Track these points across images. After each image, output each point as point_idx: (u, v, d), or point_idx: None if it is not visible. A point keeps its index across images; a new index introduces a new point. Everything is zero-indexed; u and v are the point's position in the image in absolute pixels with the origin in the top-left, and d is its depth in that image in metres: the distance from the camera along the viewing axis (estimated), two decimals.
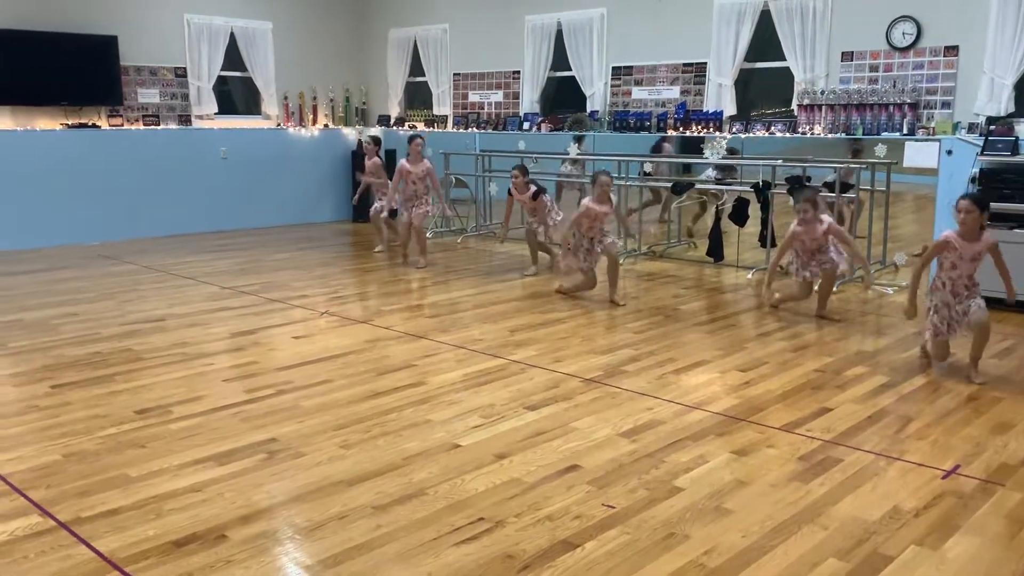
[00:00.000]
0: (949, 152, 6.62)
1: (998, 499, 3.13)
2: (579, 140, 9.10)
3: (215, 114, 10.46)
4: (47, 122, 9.11)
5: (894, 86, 7.28)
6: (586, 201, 6.36)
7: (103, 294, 6.70)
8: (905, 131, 7.15)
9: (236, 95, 11.14)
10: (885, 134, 7.25)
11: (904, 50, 7.26)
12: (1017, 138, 6.26)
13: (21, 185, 8.81)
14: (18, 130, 8.87)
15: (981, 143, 6.37)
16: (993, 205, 6.13)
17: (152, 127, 9.88)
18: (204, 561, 2.64)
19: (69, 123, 9.22)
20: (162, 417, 3.95)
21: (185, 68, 10.14)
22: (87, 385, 4.43)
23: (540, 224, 7.66)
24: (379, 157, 8.96)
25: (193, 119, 10.28)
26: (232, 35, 10.43)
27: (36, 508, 3.01)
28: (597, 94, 9.42)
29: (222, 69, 10.45)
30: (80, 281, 7.23)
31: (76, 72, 9.20)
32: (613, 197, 6.50)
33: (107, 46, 9.34)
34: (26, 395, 4.28)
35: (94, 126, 9.38)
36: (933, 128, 7.00)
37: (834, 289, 6.12)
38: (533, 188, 7.54)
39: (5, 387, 4.43)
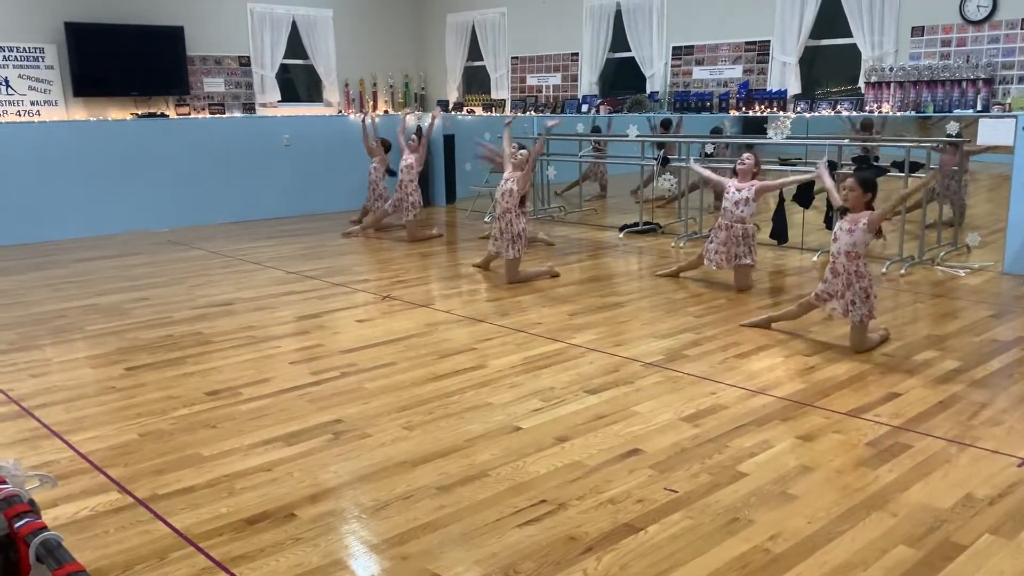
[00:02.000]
0: None
1: None
2: (666, 125, 8.97)
3: (278, 102, 10.65)
4: (118, 112, 9.39)
5: (967, 61, 7.02)
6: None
7: (173, 279, 6.90)
8: (979, 108, 6.90)
9: (298, 83, 11.32)
10: (957, 111, 7.01)
11: (979, 23, 6.99)
12: None
13: (94, 174, 9.11)
14: (91, 120, 9.16)
15: None
16: None
17: (218, 115, 10.10)
18: (274, 539, 2.72)
19: (139, 113, 9.48)
20: (232, 398, 4.06)
21: (249, 57, 10.34)
22: (160, 367, 4.57)
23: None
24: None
25: (257, 107, 10.48)
26: (294, 23, 10.58)
27: (115, 485, 3.13)
28: (657, 75, 9.30)
29: (284, 57, 10.62)
30: (151, 267, 7.46)
31: (145, 63, 9.45)
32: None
33: (174, 36, 9.58)
34: (103, 376, 4.44)
35: (162, 115, 9.63)
36: (1009, 104, 6.74)
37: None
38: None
39: (84, 369, 4.60)
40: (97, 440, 3.56)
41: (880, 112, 7.44)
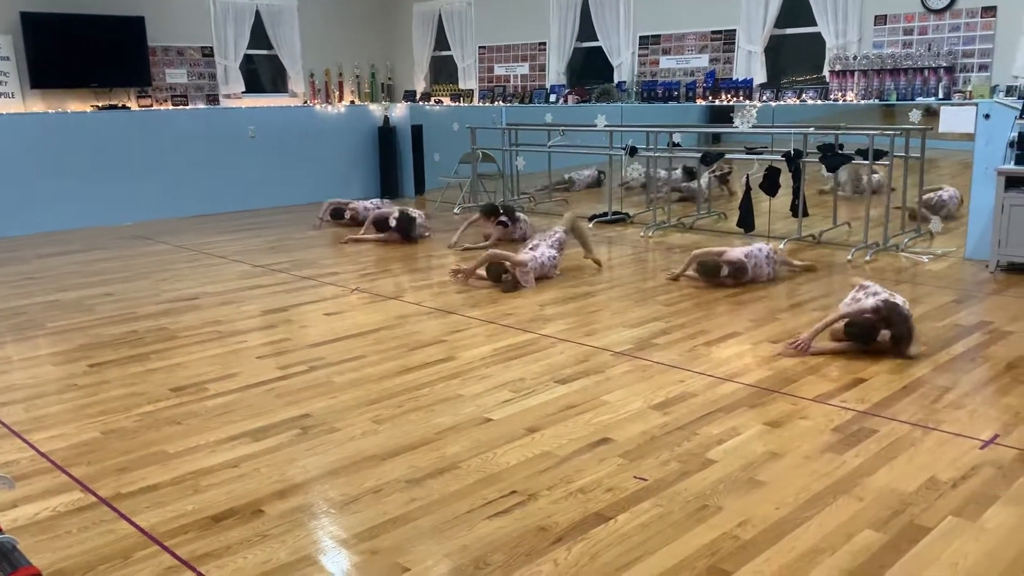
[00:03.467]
0: (987, 116, 6.46)
1: None
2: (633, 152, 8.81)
3: (242, 93, 10.51)
4: (78, 104, 9.20)
5: (929, 49, 7.11)
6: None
7: (137, 274, 6.79)
8: (940, 95, 6.99)
9: (263, 73, 11.17)
10: (920, 99, 7.10)
11: (939, 12, 7.08)
12: None
13: (55, 167, 8.92)
14: (50, 113, 8.97)
15: (1020, 106, 6.21)
16: None
17: (181, 107, 9.95)
18: (242, 535, 2.69)
19: (99, 105, 9.30)
20: (197, 394, 4.00)
21: (212, 47, 10.18)
22: (124, 364, 4.50)
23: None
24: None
25: (221, 98, 10.33)
26: (258, 13, 10.44)
27: (78, 484, 3.07)
28: (624, 64, 9.31)
29: (248, 47, 10.47)
30: (115, 261, 7.33)
31: (105, 54, 9.27)
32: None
33: (135, 27, 9.40)
34: (65, 374, 4.36)
35: (124, 107, 9.46)
36: (970, 92, 6.84)
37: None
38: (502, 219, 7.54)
39: (45, 366, 4.51)
40: (59, 439, 3.49)
41: (845, 100, 7.51)
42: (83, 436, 3.52)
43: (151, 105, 9.70)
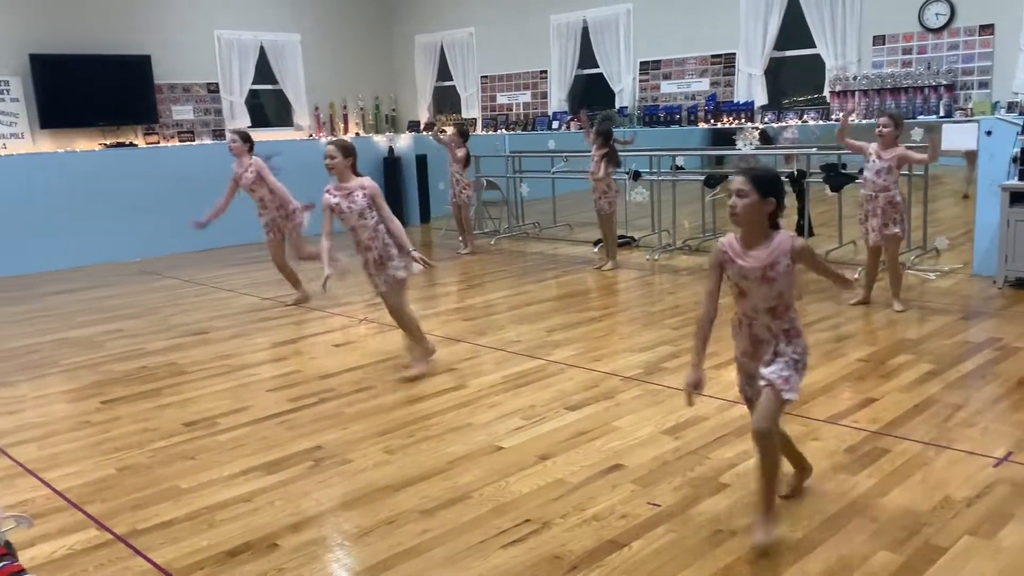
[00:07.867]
0: (988, 133, 6.48)
1: None
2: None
3: (248, 127, 10.59)
4: (86, 143, 9.30)
5: (928, 68, 7.15)
6: None
7: (146, 309, 6.83)
8: (942, 113, 7.02)
9: (268, 108, 11.29)
10: (921, 117, 7.13)
11: (938, 31, 7.13)
12: None
13: (62, 206, 8.99)
14: (59, 152, 9.07)
15: (1022, 122, 6.24)
16: None
17: (187, 143, 10.05)
18: (257, 569, 2.69)
19: (107, 143, 9.41)
20: (209, 429, 4.02)
21: (217, 83, 10.30)
22: (135, 400, 4.52)
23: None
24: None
25: (227, 133, 10.42)
26: (262, 49, 10.57)
27: (93, 522, 3.08)
28: (626, 90, 9.39)
29: (253, 83, 10.60)
30: (123, 298, 7.38)
31: (112, 93, 9.39)
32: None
33: (141, 65, 9.53)
34: (78, 411, 4.38)
35: (131, 145, 9.57)
36: (971, 109, 6.87)
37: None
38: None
39: (59, 404, 4.54)
40: (74, 476, 3.51)
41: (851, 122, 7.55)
42: (97, 473, 3.54)
43: (158, 142, 9.81)
